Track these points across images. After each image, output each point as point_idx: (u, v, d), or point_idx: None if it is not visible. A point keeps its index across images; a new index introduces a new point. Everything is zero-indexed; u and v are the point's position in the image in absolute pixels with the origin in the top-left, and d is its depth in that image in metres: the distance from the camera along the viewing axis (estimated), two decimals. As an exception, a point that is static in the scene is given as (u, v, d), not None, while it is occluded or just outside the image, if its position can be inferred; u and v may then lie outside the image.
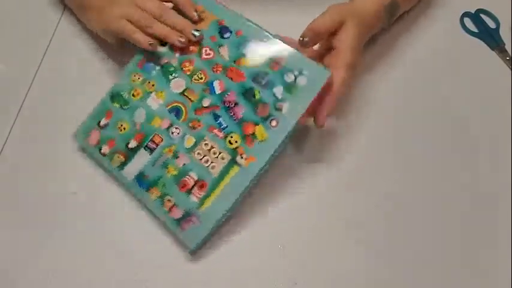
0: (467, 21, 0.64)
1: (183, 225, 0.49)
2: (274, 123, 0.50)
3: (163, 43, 0.55)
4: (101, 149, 0.54)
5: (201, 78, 0.53)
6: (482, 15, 0.65)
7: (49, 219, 0.52)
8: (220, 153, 0.50)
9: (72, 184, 0.54)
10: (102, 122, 0.54)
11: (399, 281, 0.50)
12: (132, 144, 0.53)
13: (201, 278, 0.49)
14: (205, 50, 0.54)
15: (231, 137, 0.51)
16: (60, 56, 0.61)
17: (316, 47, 0.55)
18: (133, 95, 0.55)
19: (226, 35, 0.53)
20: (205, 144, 0.51)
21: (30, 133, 0.57)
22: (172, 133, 0.52)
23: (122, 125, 0.54)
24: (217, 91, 0.52)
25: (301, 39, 0.52)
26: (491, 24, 0.64)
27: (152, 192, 0.51)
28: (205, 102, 0.52)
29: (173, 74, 0.54)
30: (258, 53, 0.52)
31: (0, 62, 0.61)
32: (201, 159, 0.51)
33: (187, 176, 0.50)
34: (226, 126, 0.51)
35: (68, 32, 0.63)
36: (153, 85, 0.54)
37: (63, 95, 0.59)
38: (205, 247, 0.50)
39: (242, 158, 0.49)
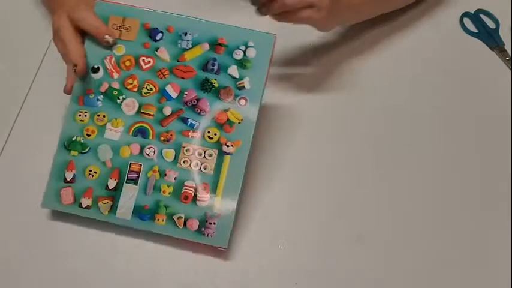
0: (467, 22, 0.64)
1: (206, 232, 0.48)
2: (243, 102, 0.50)
3: (96, 69, 0.51)
4: (81, 204, 0.49)
5: (152, 89, 0.51)
6: (482, 16, 0.64)
7: (49, 219, 0.51)
8: (205, 152, 0.49)
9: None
10: (68, 177, 0.50)
11: (399, 281, 0.50)
12: (112, 184, 0.49)
13: (201, 278, 0.49)
14: (143, 60, 0.51)
15: (208, 132, 0.49)
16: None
17: None
18: (87, 135, 0.50)
19: (158, 36, 0.51)
20: (187, 150, 0.49)
21: (31, 133, 0.56)
22: (148, 154, 0.50)
23: (91, 171, 0.50)
24: (174, 95, 0.50)
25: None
26: (491, 25, 0.64)
27: (158, 219, 0.48)
28: (167, 111, 0.50)
29: (120, 97, 0.51)
30: (197, 41, 0.51)
31: (0, 62, 0.61)
32: (189, 165, 0.49)
33: (185, 187, 0.48)
34: (199, 124, 0.50)
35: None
36: (104, 116, 0.51)
37: (63, 95, 0.56)
38: (206, 247, 0.49)
39: (228, 146, 0.49)
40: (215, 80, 0.50)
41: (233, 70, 0.50)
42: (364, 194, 0.54)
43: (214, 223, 0.48)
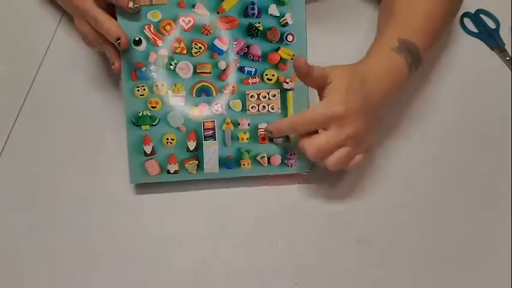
0: (467, 22, 0.64)
1: (289, 163, 0.53)
2: (290, 38, 0.52)
3: (138, 41, 0.51)
4: (169, 171, 0.53)
5: (201, 48, 0.52)
6: (482, 16, 0.64)
7: (48, 220, 0.53)
8: (268, 93, 0.53)
9: (71, 182, 0.54)
10: (148, 150, 0.52)
11: (399, 281, 0.50)
12: (192, 145, 0.53)
13: (201, 278, 0.50)
14: (183, 20, 0.51)
15: (266, 74, 0.52)
16: (60, 56, 0.60)
17: None
18: (153, 108, 0.52)
19: (191, -7, 0.50)
20: (251, 96, 0.53)
21: (30, 133, 0.57)
22: (217, 110, 0.52)
23: (168, 139, 0.52)
24: (224, 48, 0.52)
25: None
26: (491, 25, 0.63)
27: (244, 164, 0.53)
28: (222, 65, 0.52)
29: (172, 63, 0.52)
30: (231, -10, 0.51)
31: (0, 62, 0.61)
32: (257, 109, 0.53)
33: (260, 130, 0.53)
34: (256, 70, 0.52)
35: (69, 32, 0.61)
36: (163, 85, 0.52)
37: (64, 95, 0.59)
38: (205, 247, 0.51)
39: (287, 82, 0.53)
40: (259, 23, 0.52)
41: (273, 9, 0.52)
42: (365, 194, 0.54)
43: (294, 153, 0.53)
